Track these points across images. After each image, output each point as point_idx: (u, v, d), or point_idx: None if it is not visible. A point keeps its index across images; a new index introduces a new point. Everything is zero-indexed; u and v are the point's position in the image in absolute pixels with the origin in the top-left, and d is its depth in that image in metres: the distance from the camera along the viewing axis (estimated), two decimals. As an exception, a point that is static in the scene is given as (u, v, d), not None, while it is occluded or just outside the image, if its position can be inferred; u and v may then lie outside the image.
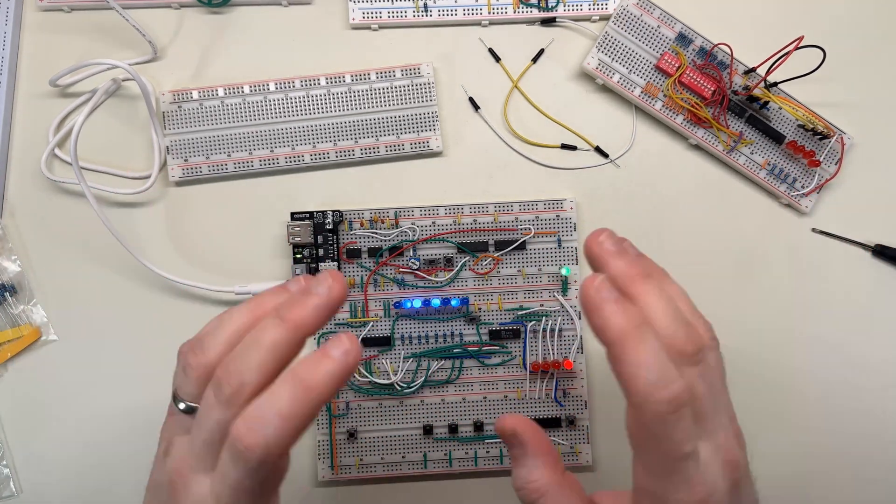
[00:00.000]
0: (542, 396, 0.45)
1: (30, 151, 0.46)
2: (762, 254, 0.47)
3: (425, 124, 0.46)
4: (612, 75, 0.46)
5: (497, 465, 0.45)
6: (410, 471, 0.45)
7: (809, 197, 0.47)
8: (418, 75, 0.46)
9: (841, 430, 0.46)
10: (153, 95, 0.45)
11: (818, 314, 0.47)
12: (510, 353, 0.45)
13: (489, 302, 0.45)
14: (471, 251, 0.45)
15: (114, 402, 0.45)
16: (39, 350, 0.45)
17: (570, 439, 0.45)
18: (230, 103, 0.45)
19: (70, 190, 0.46)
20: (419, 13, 0.46)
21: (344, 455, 0.45)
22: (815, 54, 0.42)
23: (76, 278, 0.46)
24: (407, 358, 0.45)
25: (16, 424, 0.45)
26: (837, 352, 0.46)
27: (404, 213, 0.45)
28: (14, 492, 0.44)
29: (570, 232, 0.45)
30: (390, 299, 0.45)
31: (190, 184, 0.46)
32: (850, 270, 0.47)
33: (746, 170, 0.46)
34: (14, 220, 0.46)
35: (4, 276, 0.45)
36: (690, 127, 0.46)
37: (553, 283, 0.45)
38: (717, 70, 0.45)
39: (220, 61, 0.47)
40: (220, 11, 0.47)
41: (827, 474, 0.46)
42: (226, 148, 0.45)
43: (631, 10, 0.45)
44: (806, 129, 0.46)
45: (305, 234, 0.44)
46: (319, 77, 0.45)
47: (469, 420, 0.45)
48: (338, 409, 0.45)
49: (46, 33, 0.46)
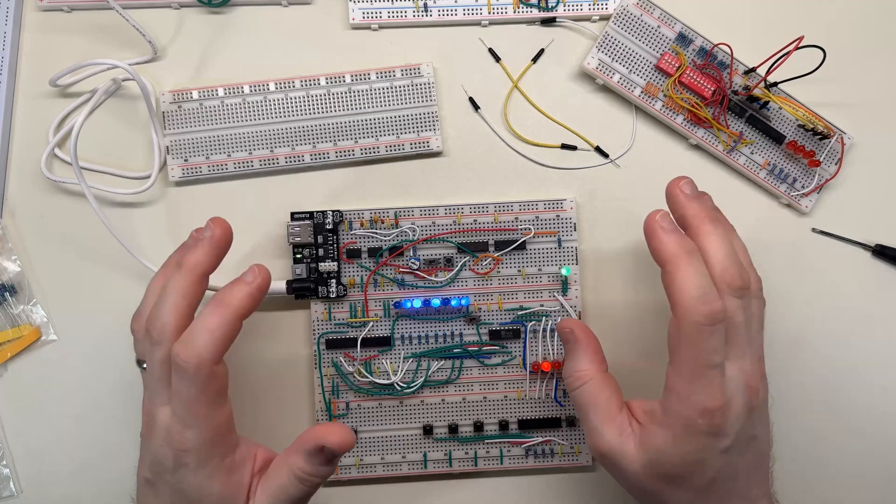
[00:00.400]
0: (542, 396, 0.45)
1: (30, 151, 0.46)
2: (762, 254, 0.47)
3: (425, 124, 0.46)
4: (612, 75, 0.46)
5: (497, 465, 0.45)
6: (410, 471, 0.45)
7: (809, 197, 0.47)
8: (418, 75, 0.46)
9: (841, 430, 0.46)
10: (153, 95, 0.45)
11: (818, 314, 0.47)
12: (510, 353, 0.45)
13: (489, 302, 0.45)
14: (471, 251, 0.45)
15: (114, 402, 0.45)
16: (39, 350, 0.45)
17: (570, 439, 0.45)
18: (230, 103, 0.45)
19: (70, 190, 0.46)
20: (419, 13, 0.46)
21: (344, 455, 0.45)
22: (815, 54, 0.42)
23: (76, 278, 0.45)
24: (407, 358, 0.45)
25: (16, 424, 0.45)
26: (837, 352, 0.46)
27: (404, 213, 0.45)
28: (14, 492, 0.45)
29: (570, 232, 0.45)
30: (390, 299, 0.45)
31: (190, 184, 0.46)
32: (850, 270, 0.47)
33: (746, 170, 0.46)
34: (14, 220, 0.46)
35: (4, 276, 0.45)
36: (690, 127, 0.46)
37: (553, 283, 0.45)
38: (717, 70, 0.45)
39: (220, 61, 0.47)
40: (220, 11, 0.47)
41: (827, 474, 0.46)
42: (226, 148, 0.45)
43: (631, 10, 0.45)
44: (806, 129, 0.46)
45: (305, 234, 0.44)
46: (319, 77, 0.45)
47: (469, 420, 0.45)
48: (338, 409, 0.45)
49: (46, 33, 0.46)
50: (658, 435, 0.34)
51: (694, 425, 0.32)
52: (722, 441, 0.33)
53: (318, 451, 0.35)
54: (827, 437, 0.46)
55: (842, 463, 0.46)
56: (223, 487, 0.34)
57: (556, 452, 0.45)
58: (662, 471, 0.34)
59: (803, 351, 0.46)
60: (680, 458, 0.33)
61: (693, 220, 0.36)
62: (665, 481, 0.34)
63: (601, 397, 0.36)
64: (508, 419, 0.45)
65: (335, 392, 0.45)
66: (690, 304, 0.32)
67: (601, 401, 0.36)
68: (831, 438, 0.46)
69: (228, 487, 0.34)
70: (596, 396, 0.36)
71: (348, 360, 0.45)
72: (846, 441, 0.46)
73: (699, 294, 0.32)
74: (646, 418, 0.35)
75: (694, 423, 0.32)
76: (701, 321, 0.32)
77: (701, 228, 0.35)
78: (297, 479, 0.35)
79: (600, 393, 0.36)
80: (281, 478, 0.35)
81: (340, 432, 0.35)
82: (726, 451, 0.33)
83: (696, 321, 0.32)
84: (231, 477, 0.34)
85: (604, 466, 0.37)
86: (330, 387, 0.45)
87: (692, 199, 0.36)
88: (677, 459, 0.33)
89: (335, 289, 0.44)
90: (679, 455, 0.33)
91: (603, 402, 0.36)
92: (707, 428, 0.32)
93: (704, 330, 0.32)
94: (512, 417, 0.45)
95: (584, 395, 0.37)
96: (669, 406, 0.33)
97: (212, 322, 0.33)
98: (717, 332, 0.32)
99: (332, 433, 0.35)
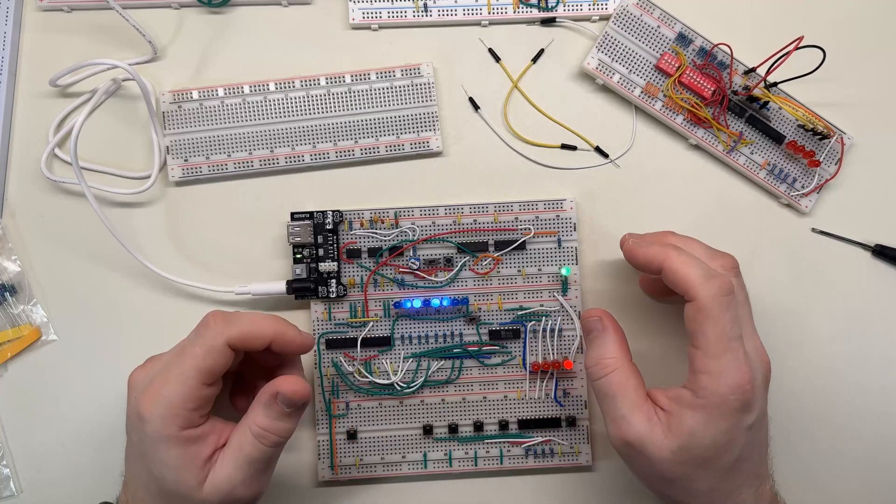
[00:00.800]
0: (542, 396, 0.45)
1: (30, 151, 0.46)
2: (762, 254, 0.47)
3: (425, 124, 0.46)
4: (612, 75, 0.46)
5: (497, 465, 0.45)
6: (410, 471, 0.45)
7: (809, 197, 0.47)
8: (418, 75, 0.46)
9: (840, 429, 0.46)
10: (153, 95, 0.45)
11: (818, 314, 0.47)
12: (510, 353, 0.45)
13: (489, 302, 0.45)
14: (471, 251, 0.45)
15: (114, 402, 0.45)
16: (39, 350, 0.45)
17: (570, 439, 0.45)
18: (230, 103, 0.45)
19: (70, 190, 0.46)
20: (419, 13, 0.46)
21: (344, 455, 0.45)
22: (815, 54, 0.42)
23: (76, 278, 0.46)
24: (407, 358, 0.45)
25: (16, 424, 0.45)
26: (837, 352, 0.47)
27: (404, 213, 0.45)
28: (14, 492, 0.45)
29: (570, 232, 0.45)
30: (390, 299, 0.45)
31: (190, 184, 0.46)
32: (850, 270, 0.47)
33: (746, 170, 0.46)
34: (14, 220, 0.46)
35: (4, 276, 0.45)
36: (690, 127, 0.46)
37: (553, 283, 0.45)
38: (717, 70, 0.45)
39: (220, 61, 0.47)
40: (220, 11, 0.47)
41: (826, 474, 0.46)
42: (226, 148, 0.45)
43: (631, 10, 0.45)
44: (806, 129, 0.46)
45: (305, 234, 0.44)
46: (319, 77, 0.45)
47: (469, 420, 0.45)
48: (338, 409, 0.45)
49: (46, 33, 0.47)
50: (689, 417, 0.34)
51: (726, 402, 0.33)
52: (749, 417, 0.34)
53: (272, 401, 0.35)
54: (826, 437, 0.46)
55: (841, 463, 0.46)
56: (180, 457, 0.34)
57: (556, 452, 0.45)
58: (692, 455, 0.34)
59: (803, 351, 0.46)
60: (711, 439, 0.34)
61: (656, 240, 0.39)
62: (693, 465, 0.34)
63: (629, 385, 0.36)
64: (508, 419, 0.45)
65: (335, 392, 0.45)
66: (701, 282, 0.34)
67: (629, 389, 0.36)
68: (830, 438, 0.46)
69: (184, 458, 0.35)
70: (624, 385, 0.36)
71: (348, 360, 0.45)
72: (845, 441, 0.46)
73: (703, 272, 0.35)
74: (672, 404, 0.35)
75: (726, 399, 0.33)
76: (717, 293, 0.34)
77: (668, 239, 0.39)
78: (253, 437, 0.35)
79: (628, 381, 0.36)
80: (238, 438, 0.36)
81: (293, 381, 0.35)
82: (750, 428, 0.34)
83: (712, 294, 0.34)
84: (188, 448, 0.35)
85: (625, 457, 0.37)
86: (330, 387, 0.45)
87: (640, 236, 0.40)
88: (709, 440, 0.34)
89: (335, 289, 0.44)
90: (711, 436, 0.34)
91: (631, 390, 0.36)
92: (739, 405, 0.33)
93: (722, 301, 0.34)
94: (512, 417, 0.45)
95: (611, 383, 0.37)
96: (699, 386, 0.34)
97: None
98: (732, 303, 0.34)
99: (285, 382, 0.35)
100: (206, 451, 0.35)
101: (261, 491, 0.37)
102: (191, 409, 0.35)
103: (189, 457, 0.35)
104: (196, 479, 0.35)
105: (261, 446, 0.35)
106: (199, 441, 0.35)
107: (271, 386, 0.36)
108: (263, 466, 0.36)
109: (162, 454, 0.35)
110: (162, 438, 0.34)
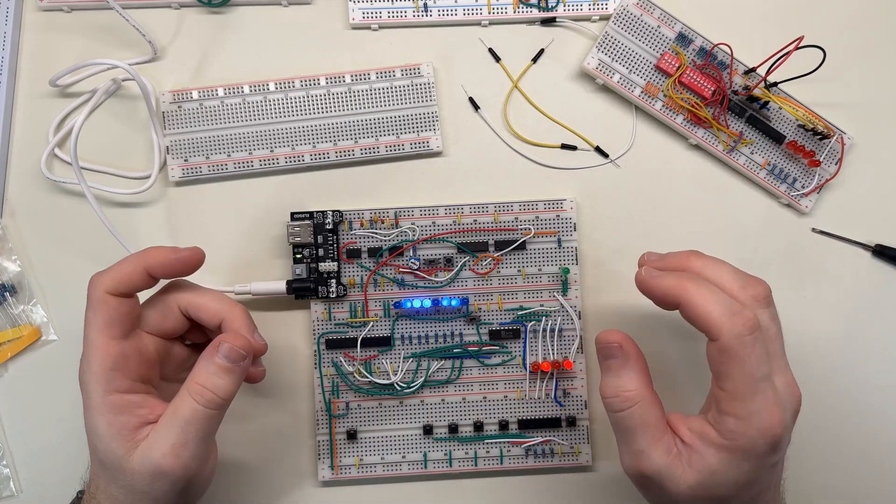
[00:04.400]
0: (542, 396, 0.45)
1: (30, 151, 0.46)
2: (762, 254, 0.47)
3: (425, 124, 0.46)
4: (612, 75, 0.46)
5: (497, 465, 0.45)
6: (410, 471, 0.45)
7: (809, 197, 0.47)
8: (418, 75, 0.46)
9: (840, 430, 0.46)
10: (153, 95, 0.45)
11: (818, 314, 0.47)
12: (510, 353, 0.45)
13: (489, 302, 0.45)
14: (471, 251, 0.45)
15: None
16: (39, 350, 0.45)
17: (570, 439, 0.45)
18: (230, 103, 0.45)
19: (70, 190, 0.46)
20: (419, 13, 0.46)
21: (344, 455, 0.45)
22: (815, 54, 0.42)
23: (76, 278, 0.45)
24: (407, 358, 0.45)
25: (16, 424, 0.45)
26: (837, 352, 0.47)
27: (404, 213, 0.45)
28: (14, 492, 0.45)
29: (570, 232, 0.45)
30: (390, 299, 0.45)
31: (190, 184, 0.46)
32: (850, 270, 0.47)
33: (746, 170, 0.46)
34: (14, 220, 0.46)
35: (4, 276, 0.45)
36: (690, 127, 0.46)
37: (553, 283, 0.45)
38: (717, 70, 0.45)
39: (220, 61, 0.47)
40: (220, 11, 0.47)
41: (826, 473, 0.46)
42: (226, 148, 0.45)
43: (631, 10, 0.45)
44: (806, 129, 0.46)
45: (305, 234, 0.44)
46: (319, 77, 0.45)
47: (469, 420, 0.45)
48: (338, 410, 0.45)
49: (46, 33, 0.46)
50: (712, 456, 0.32)
51: (754, 446, 0.31)
52: (776, 456, 0.32)
53: (211, 355, 0.35)
54: (826, 437, 0.46)
55: (841, 463, 0.46)
56: (107, 425, 0.34)
57: (556, 452, 0.45)
58: (710, 492, 0.32)
59: (803, 351, 0.46)
60: (733, 480, 0.32)
61: (678, 262, 0.35)
62: (710, 501, 0.33)
63: (650, 419, 0.34)
64: (508, 419, 0.45)
65: (335, 392, 0.45)
66: (722, 321, 0.31)
67: (650, 423, 0.34)
68: (830, 438, 0.46)
69: (111, 426, 0.34)
70: (644, 419, 0.34)
71: (348, 360, 0.45)
72: (845, 441, 0.46)
73: (724, 309, 0.31)
74: (694, 439, 0.33)
75: (754, 443, 0.31)
76: (741, 332, 0.31)
77: (692, 264, 0.35)
78: (189, 396, 0.35)
79: (649, 414, 0.34)
80: (175, 402, 0.35)
81: (234, 336, 0.36)
82: (774, 465, 0.33)
83: (737, 334, 0.31)
84: (116, 416, 0.35)
85: (640, 487, 0.35)
86: (330, 387, 0.45)
87: (661, 255, 0.37)
88: (731, 480, 0.32)
89: (335, 289, 0.44)
90: (733, 476, 0.32)
91: (652, 425, 0.33)
92: (768, 448, 0.31)
93: (747, 340, 0.31)
94: (512, 417, 0.45)
95: (632, 417, 0.34)
96: (726, 428, 0.31)
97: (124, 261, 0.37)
98: (759, 341, 0.31)
99: (226, 336, 0.36)
100: (134, 421, 0.35)
101: (192, 467, 0.35)
102: (108, 368, 0.35)
103: (117, 426, 0.34)
104: (123, 448, 0.34)
105: (195, 405, 0.34)
106: (126, 410, 0.35)
107: (214, 341, 0.36)
108: (197, 434, 0.34)
109: (91, 422, 0.35)
110: (90, 406, 0.35)
